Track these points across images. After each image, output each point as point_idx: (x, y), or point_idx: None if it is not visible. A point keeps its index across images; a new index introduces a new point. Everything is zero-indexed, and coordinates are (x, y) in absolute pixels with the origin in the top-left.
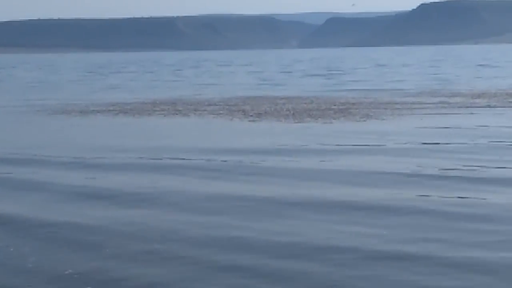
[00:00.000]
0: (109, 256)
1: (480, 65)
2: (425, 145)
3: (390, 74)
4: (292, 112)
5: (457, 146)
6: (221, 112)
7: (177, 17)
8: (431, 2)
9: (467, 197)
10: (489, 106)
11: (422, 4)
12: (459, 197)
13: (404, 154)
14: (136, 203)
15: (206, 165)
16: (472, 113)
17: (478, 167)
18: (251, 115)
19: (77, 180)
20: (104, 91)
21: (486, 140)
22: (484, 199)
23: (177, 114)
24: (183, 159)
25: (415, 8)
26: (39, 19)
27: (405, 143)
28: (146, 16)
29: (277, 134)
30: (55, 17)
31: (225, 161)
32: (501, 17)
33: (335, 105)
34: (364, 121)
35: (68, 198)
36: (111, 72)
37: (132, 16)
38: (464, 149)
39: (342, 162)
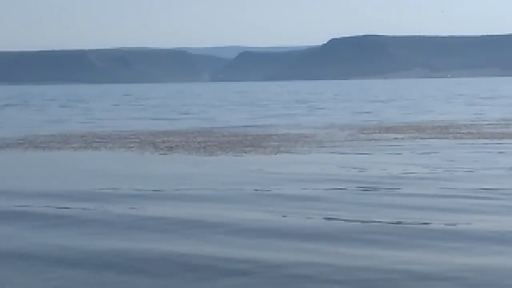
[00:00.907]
0: None
1: (390, 99)
2: (331, 190)
3: (303, 108)
4: (203, 145)
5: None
6: (132, 145)
7: (89, 50)
8: (341, 37)
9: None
10: (396, 141)
11: (332, 39)
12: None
13: (311, 199)
14: None
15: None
16: (383, 152)
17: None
18: (162, 149)
19: None
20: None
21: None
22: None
23: (87, 148)
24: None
25: (325, 43)
26: None
27: (306, 188)
28: (57, 49)
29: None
30: None
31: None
32: (408, 52)
33: (247, 139)
34: (275, 154)
35: None
36: (17, 105)
37: (43, 49)
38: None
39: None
